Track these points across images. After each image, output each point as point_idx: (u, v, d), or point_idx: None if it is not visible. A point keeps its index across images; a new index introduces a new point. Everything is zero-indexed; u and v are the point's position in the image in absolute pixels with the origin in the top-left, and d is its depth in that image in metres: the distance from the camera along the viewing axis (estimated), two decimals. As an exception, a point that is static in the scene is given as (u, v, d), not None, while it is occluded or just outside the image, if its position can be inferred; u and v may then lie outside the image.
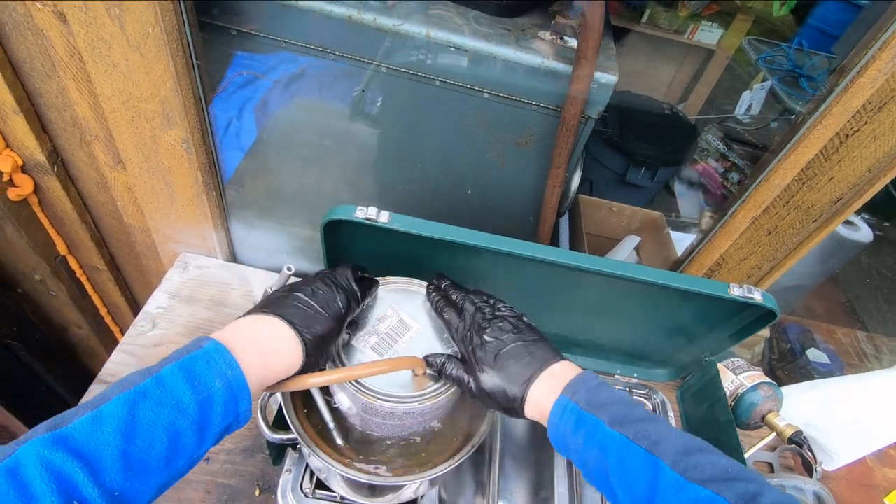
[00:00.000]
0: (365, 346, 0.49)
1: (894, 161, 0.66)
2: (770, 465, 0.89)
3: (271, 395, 0.55)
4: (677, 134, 2.30)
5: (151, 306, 0.87)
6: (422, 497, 0.65)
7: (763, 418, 0.81)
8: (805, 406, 0.87)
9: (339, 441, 0.53)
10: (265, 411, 0.55)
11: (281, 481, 0.64)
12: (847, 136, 0.64)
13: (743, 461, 0.62)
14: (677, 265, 0.92)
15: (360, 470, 0.51)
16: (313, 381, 0.46)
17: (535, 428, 0.81)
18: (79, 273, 1.15)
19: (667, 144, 2.22)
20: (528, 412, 0.47)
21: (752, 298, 0.59)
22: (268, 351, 0.43)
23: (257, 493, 0.71)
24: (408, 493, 0.63)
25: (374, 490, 0.62)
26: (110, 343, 1.35)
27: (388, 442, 0.56)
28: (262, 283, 0.95)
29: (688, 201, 1.59)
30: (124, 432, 0.34)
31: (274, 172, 0.97)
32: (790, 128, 0.68)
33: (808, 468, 0.86)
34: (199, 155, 0.78)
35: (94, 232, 1.08)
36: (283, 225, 0.99)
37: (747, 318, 0.66)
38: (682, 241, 1.13)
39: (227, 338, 0.42)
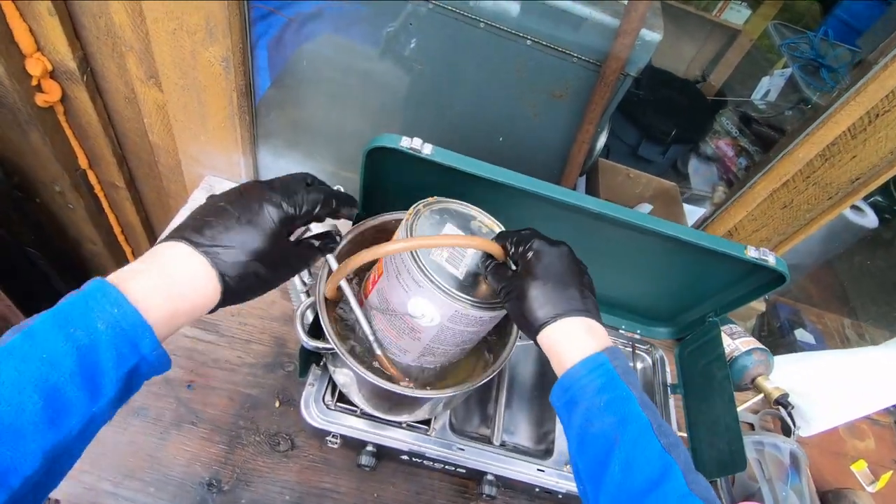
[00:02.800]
0: (441, 259, 0.51)
1: (917, 145, 0.68)
2: (751, 425, 0.95)
3: (312, 303, 0.58)
4: (695, 113, 2.29)
5: (177, 223, 0.89)
6: (435, 418, 0.70)
7: (753, 381, 0.86)
8: (792, 374, 0.93)
9: (377, 351, 0.56)
10: (303, 320, 0.58)
11: (304, 393, 0.68)
12: (877, 115, 0.66)
13: (735, 414, 0.67)
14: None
15: (391, 380, 0.55)
16: (392, 248, 0.47)
17: (542, 372, 0.85)
18: (97, 189, 1.16)
19: (683, 123, 2.22)
20: (543, 337, 0.46)
21: (766, 261, 0.63)
22: (174, 281, 0.37)
23: (277, 404, 0.75)
24: (422, 413, 0.68)
25: (392, 406, 0.67)
26: (122, 263, 1.36)
27: (411, 365, 0.59)
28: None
29: (699, 177, 1.61)
30: None
31: (299, 105, 0.97)
32: (811, 112, 0.70)
33: (786, 430, 0.92)
34: (237, 76, 0.78)
35: (117, 148, 1.08)
36: (309, 158, 1.00)
37: (756, 281, 0.70)
38: (693, 214, 1.16)
39: (119, 274, 0.37)
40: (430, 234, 0.52)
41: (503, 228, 0.58)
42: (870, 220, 1.23)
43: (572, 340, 0.45)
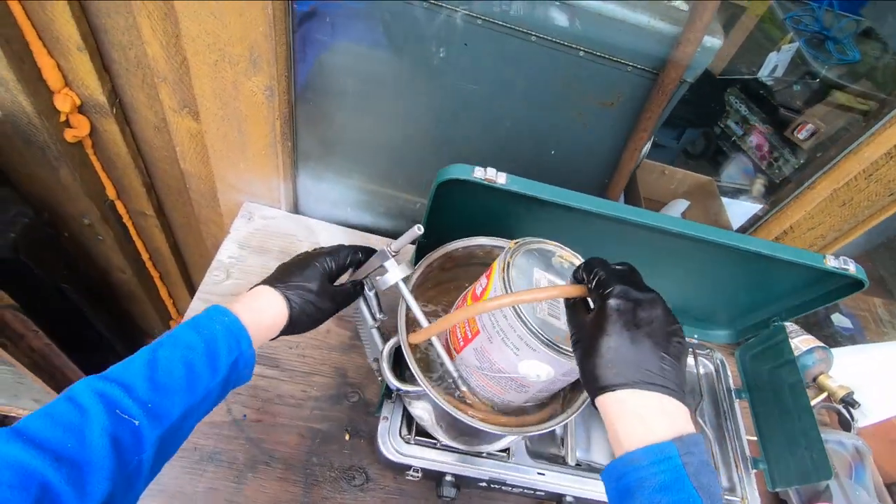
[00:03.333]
0: (544, 314, 0.49)
1: None
2: (809, 421, 0.95)
3: (394, 346, 0.57)
4: (705, 95, 2.27)
5: (224, 255, 0.87)
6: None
7: (814, 379, 0.86)
8: (847, 367, 0.93)
9: (463, 387, 0.55)
10: (389, 363, 0.57)
11: (380, 428, 0.67)
12: (949, 112, 0.65)
13: (814, 423, 0.66)
14: (740, 232, 0.94)
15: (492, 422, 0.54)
16: (491, 305, 0.46)
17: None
18: (125, 218, 1.13)
19: (695, 105, 2.19)
20: (603, 404, 0.40)
21: (847, 270, 0.62)
22: (260, 306, 0.55)
23: (347, 437, 0.74)
24: (504, 443, 0.67)
25: (474, 439, 0.66)
26: (150, 289, 1.35)
27: (488, 400, 0.58)
28: (329, 236, 0.95)
29: (731, 168, 1.59)
30: (148, 365, 0.45)
31: (327, 122, 0.93)
32: (818, 84, 0.68)
33: (843, 424, 0.92)
34: (280, 104, 0.76)
35: (145, 177, 1.06)
36: (344, 177, 0.97)
37: (829, 286, 0.69)
38: (729, 207, 1.14)
39: (228, 304, 0.53)
40: (524, 282, 0.50)
41: (582, 260, 0.57)
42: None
43: (639, 418, 0.38)
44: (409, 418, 0.68)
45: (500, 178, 0.58)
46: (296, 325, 0.57)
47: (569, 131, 0.83)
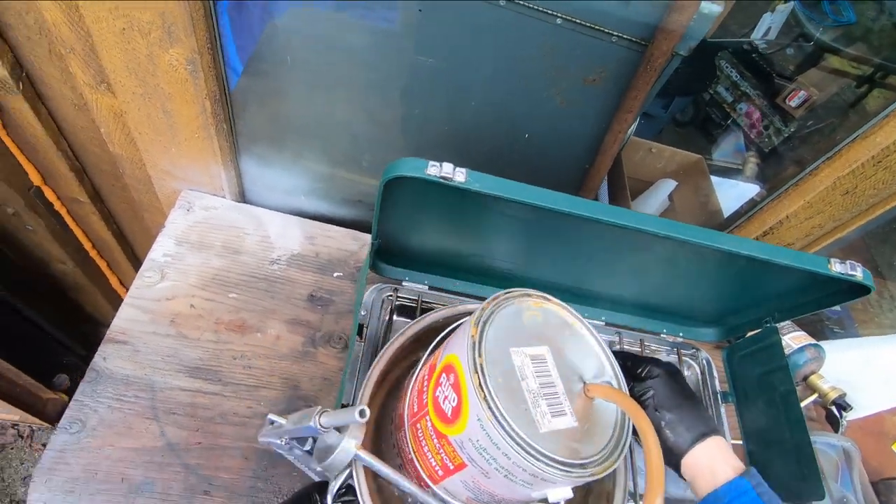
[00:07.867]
0: (547, 420, 0.39)
1: None
2: (796, 417, 0.90)
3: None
4: (695, 60, 2.15)
5: (157, 254, 0.77)
6: None
7: (805, 378, 0.81)
8: (836, 363, 0.88)
9: None
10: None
11: None
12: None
13: (808, 438, 0.60)
14: (731, 219, 0.87)
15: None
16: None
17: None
18: (57, 205, 1.02)
19: (685, 71, 2.08)
20: (685, 466, 0.49)
21: (854, 276, 0.55)
22: None
23: (298, 458, 0.67)
24: None
25: None
26: (98, 278, 1.24)
27: None
28: (280, 227, 0.85)
29: (723, 145, 1.50)
30: None
31: (279, 96, 0.82)
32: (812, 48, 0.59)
33: (831, 421, 0.88)
34: (207, 81, 0.65)
35: (73, 161, 0.94)
36: (298, 160, 0.87)
37: (831, 289, 0.62)
38: (720, 186, 1.07)
39: None
40: (505, 381, 0.40)
41: (563, 305, 0.51)
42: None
43: (712, 461, 0.48)
44: None
45: (459, 176, 0.49)
46: None
47: (545, 112, 0.73)
